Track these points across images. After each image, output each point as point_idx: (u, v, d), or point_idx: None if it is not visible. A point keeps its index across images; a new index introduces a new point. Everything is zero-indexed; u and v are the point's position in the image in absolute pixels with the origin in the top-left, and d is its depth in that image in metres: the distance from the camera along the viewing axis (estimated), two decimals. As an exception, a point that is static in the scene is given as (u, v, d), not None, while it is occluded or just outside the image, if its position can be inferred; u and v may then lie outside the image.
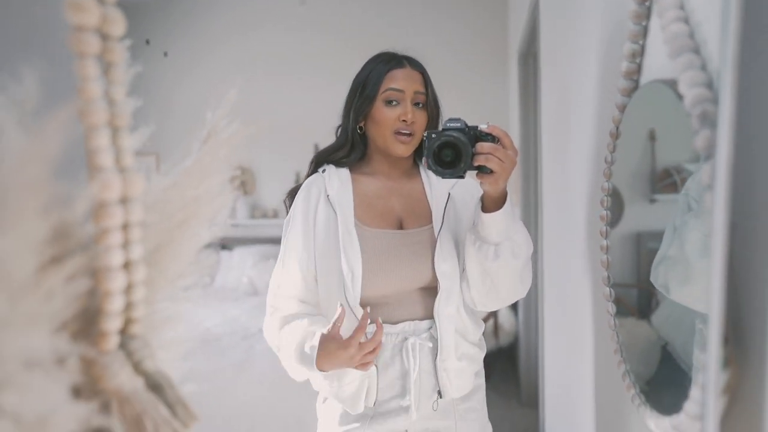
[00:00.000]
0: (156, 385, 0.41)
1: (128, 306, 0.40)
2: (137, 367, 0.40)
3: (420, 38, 4.09)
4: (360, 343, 0.92)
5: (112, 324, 0.38)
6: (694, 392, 0.43)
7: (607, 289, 0.83)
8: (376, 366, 1.03)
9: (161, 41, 4.47)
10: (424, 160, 0.92)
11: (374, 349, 0.93)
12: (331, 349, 0.94)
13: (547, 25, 1.84)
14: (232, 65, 4.45)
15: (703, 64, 0.47)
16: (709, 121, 0.43)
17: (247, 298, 3.81)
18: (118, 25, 0.37)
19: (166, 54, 4.43)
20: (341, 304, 0.97)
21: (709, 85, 0.45)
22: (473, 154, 0.88)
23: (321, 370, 0.97)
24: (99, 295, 0.37)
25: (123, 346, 0.40)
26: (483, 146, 0.88)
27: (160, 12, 4.49)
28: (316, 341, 0.97)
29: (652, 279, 0.68)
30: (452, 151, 0.89)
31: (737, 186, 0.42)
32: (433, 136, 0.90)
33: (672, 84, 0.53)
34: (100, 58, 0.37)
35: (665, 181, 0.72)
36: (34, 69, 0.33)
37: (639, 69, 0.69)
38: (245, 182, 4.57)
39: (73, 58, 0.35)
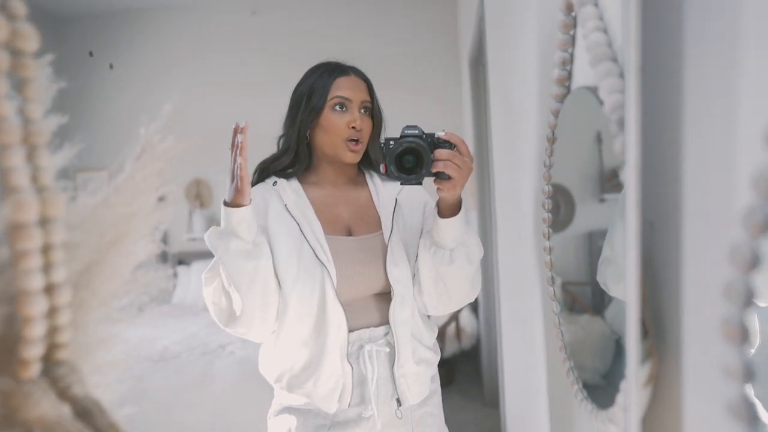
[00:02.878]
0: (85, 412, 0.40)
1: (52, 331, 0.38)
2: (63, 394, 0.39)
3: (373, 46, 4.13)
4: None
5: (33, 351, 0.36)
6: (624, 385, 0.45)
7: (551, 288, 0.86)
8: (351, 366, 1.02)
9: (106, 54, 4.33)
10: (382, 166, 0.93)
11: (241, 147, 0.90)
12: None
13: (492, 34, 1.89)
14: (184, 76, 4.36)
15: (621, 72, 0.50)
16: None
17: (206, 314, 3.71)
18: (30, 41, 0.36)
19: (111, 66, 4.30)
20: (238, 124, 0.94)
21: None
22: (432, 161, 0.90)
23: (235, 205, 0.94)
24: (18, 321, 0.36)
25: (47, 373, 0.38)
26: (441, 153, 0.89)
27: (104, 25, 4.35)
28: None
29: (597, 278, 0.70)
30: (413, 158, 0.91)
31: (657, 186, 0.44)
32: (392, 143, 0.91)
33: (595, 91, 0.55)
34: (11, 74, 0.35)
35: (613, 180, 0.75)
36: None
37: (569, 76, 0.72)
38: (201, 195, 4.47)
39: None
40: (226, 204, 0.95)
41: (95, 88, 4.31)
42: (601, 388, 0.73)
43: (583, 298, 0.88)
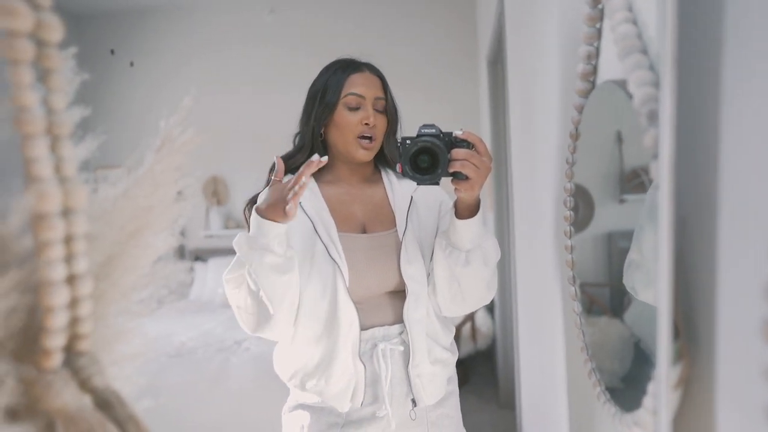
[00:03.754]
0: (105, 403, 0.40)
1: (74, 321, 0.38)
2: (84, 385, 0.39)
3: (390, 46, 4.12)
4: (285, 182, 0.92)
5: (55, 341, 0.36)
6: (651, 387, 0.44)
7: (573, 288, 0.84)
8: (364, 365, 1.02)
9: (127, 51, 4.40)
10: (398, 166, 0.92)
11: (297, 184, 0.88)
12: (266, 197, 0.94)
13: (512, 31, 1.87)
14: (203, 74, 4.40)
15: (651, 64, 0.48)
16: (656, 119, 0.43)
17: (222, 310, 3.75)
18: (55, 31, 0.36)
19: (132, 64, 4.36)
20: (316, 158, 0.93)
21: (657, 84, 0.46)
22: (449, 161, 0.88)
23: (266, 218, 0.91)
24: (40, 311, 0.36)
25: (68, 363, 0.38)
26: (458, 152, 0.87)
27: (125, 23, 4.42)
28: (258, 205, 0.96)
29: (624, 281, 0.69)
30: (429, 157, 0.89)
31: (687, 182, 0.43)
32: (408, 142, 0.89)
33: (623, 84, 0.54)
34: (36, 65, 0.35)
35: (634, 181, 0.73)
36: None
37: (595, 70, 0.70)
38: (218, 192, 4.51)
39: (5, 64, 0.34)
40: (261, 215, 0.91)
41: (116, 86, 4.37)
42: (620, 391, 0.72)
43: (602, 299, 0.86)
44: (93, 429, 0.37)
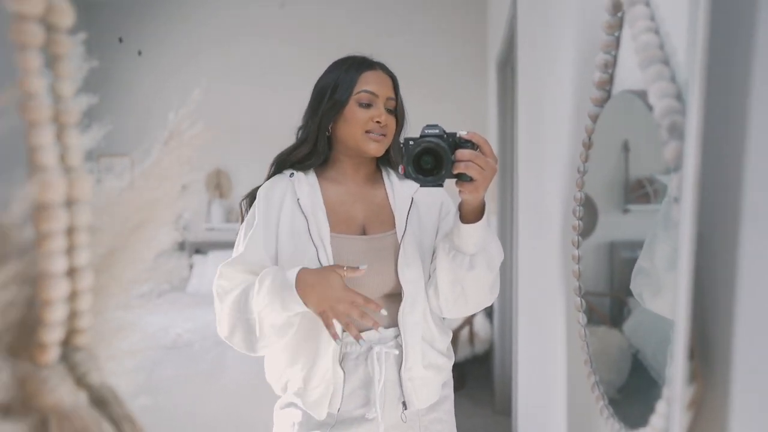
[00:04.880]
0: (101, 400, 0.39)
1: (72, 315, 0.37)
2: (80, 381, 0.38)
3: (400, 44, 4.11)
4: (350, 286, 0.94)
5: (53, 335, 0.35)
6: (661, 406, 0.43)
7: (578, 299, 0.83)
8: (343, 370, 1.01)
9: (135, 40, 4.38)
10: (401, 167, 0.90)
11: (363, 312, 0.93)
12: (321, 274, 0.94)
13: (524, 36, 1.86)
14: (210, 66, 4.39)
15: (673, 75, 0.47)
16: (677, 132, 0.42)
17: (220, 304, 3.74)
18: (65, 16, 0.34)
19: (140, 53, 4.35)
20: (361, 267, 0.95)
21: (678, 96, 0.45)
22: (453, 162, 0.86)
23: (303, 301, 0.93)
24: (38, 304, 0.35)
25: (65, 358, 0.37)
26: (463, 153, 0.85)
27: (134, 11, 4.40)
28: (296, 270, 0.96)
29: (631, 287, 0.68)
30: (432, 158, 0.86)
31: (707, 197, 0.42)
32: (411, 142, 0.87)
33: (642, 95, 0.53)
34: (45, 50, 0.34)
35: (638, 191, 0.72)
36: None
37: (611, 79, 0.69)
38: (221, 185, 4.50)
39: (13, 49, 0.33)
40: (300, 283, 0.94)
41: (123, 75, 4.36)
42: (618, 403, 0.71)
43: (602, 309, 0.85)
44: (87, 427, 0.36)
